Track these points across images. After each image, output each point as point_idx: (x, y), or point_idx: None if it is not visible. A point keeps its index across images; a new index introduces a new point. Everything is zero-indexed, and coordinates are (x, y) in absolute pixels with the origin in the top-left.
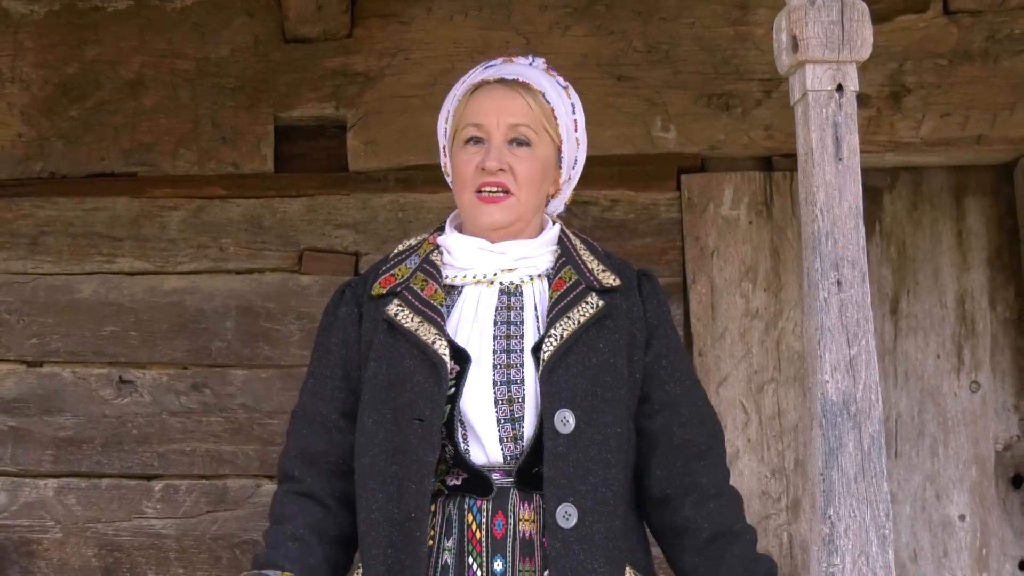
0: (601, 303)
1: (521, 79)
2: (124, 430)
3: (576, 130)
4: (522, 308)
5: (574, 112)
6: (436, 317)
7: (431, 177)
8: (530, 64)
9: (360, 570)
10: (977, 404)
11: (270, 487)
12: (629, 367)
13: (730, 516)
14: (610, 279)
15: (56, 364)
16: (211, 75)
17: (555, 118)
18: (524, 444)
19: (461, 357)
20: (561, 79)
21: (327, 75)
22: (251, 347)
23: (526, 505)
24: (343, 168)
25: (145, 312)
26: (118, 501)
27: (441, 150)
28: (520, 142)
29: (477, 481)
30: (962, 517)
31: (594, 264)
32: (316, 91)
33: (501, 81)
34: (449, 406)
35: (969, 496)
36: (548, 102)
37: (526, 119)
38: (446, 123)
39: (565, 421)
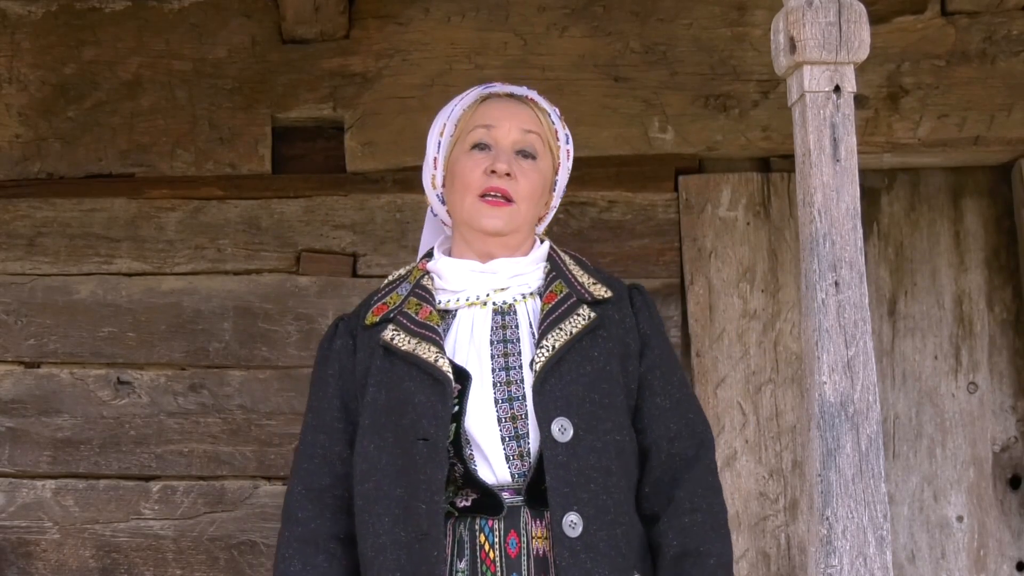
0: (593, 315)
1: (529, 96)
2: (122, 431)
3: (568, 159)
4: (517, 326)
5: (568, 143)
6: (434, 336)
7: None
8: (526, 94)
9: None
10: (975, 405)
11: (268, 488)
12: (624, 375)
13: (699, 534)
14: (601, 291)
15: (54, 365)
16: (208, 76)
17: (557, 140)
18: (531, 460)
19: (461, 375)
20: (557, 109)
21: (324, 76)
22: (249, 348)
23: (538, 522)
24: (341, 169)
25: (143, 313)
26: (116, 502)
27: (431, 162)
28: (526, 154)
29: (487, 500)
30: (960, 518)
31: (584, 278)
32: (313, 92)
33: (511, 95)
34: (455, 425)
35: (967, 497)
36: (553, 123)
37: (535, 129)
38: (440, 135)
39: (564, 429)
